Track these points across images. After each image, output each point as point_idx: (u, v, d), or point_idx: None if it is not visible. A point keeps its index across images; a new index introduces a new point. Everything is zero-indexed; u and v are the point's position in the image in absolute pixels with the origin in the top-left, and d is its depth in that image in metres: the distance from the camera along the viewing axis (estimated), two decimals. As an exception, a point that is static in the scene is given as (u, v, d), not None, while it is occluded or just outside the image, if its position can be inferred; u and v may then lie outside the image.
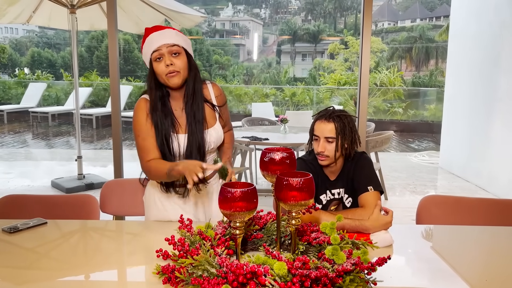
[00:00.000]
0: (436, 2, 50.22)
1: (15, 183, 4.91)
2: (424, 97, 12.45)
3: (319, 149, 1.74)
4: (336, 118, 1.74)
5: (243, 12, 56.94)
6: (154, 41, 1.56)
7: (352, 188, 1.82)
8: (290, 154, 1.34)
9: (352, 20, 49.88)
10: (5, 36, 43.61)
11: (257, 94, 12.18)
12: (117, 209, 2.20)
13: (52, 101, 11.96)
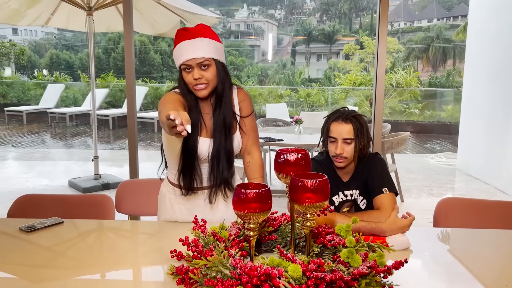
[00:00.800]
0: (453, 1, 49.48)
1: (33, 182, 5.00)
2: (441, 98, 12.26)
3: (337, 151, 1.71)
4: (353, 118, 1.73)
5: (258, 13, 56.99)
6: (184, 53, 1.54)
7: (366, 189, 1.80)
8: (305, 155, 1.33)
9: (368, 20, 49.51)
10: (25, 38, 44.53)
11: (271, 95, 12.16)
12: (132, 209, 2.22)
13: (69, 102, 12.15)
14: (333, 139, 1.74)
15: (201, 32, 1.56)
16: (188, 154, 1.62)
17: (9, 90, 12.92)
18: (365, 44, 20.03)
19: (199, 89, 1.56)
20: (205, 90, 1.56)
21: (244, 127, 1.71)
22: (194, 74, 1.53)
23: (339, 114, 1.75)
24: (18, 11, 4.83)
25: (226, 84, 1.62)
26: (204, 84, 1.55)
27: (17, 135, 9.18)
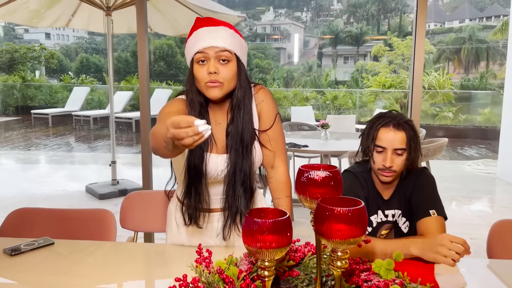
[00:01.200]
0: (486, 1, 47.94)
1: (51, 187, 4.89)
2: (476, 101, 11.67)
3: (387, 163, 1.43)
4: (406, 125, 1.44)
5: (284, 16, 56.74)
6: (201, 39, 1.24)
7: (409, 210, 1.51)
8: (335, 174, 1.06)
9: (397, 21, 48.49)
10: (57, 42, 45.82)
11: (297, 97, 11.86)
12: (139, 225, 2.00)
13: (95, 105, 12.21)
14: (381, 149, 1.45)
15: (225, 24, 1.30)
16: (193, 173, 1.32)
17: (37, 93, 13.11)
18: (395, 46, 19.45)
19: (211, 87, 1.24)
20: (218, 90, 1.25)
21: (266, 136, 1.39)
22: (209, 67, 1.22)
23: (390, 118, 1.46)
24: (37, 12, 4.74)
25: (247, 90, 1.31)
26: (219, 83, 1.24)
27: (42, 137, 9.23)
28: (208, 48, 1.23)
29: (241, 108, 1.31)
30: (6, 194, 4.56)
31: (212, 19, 1.30)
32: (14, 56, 17.58)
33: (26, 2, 4.53)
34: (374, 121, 1.50)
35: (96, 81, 16.09)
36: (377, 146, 1.45)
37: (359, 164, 1.58)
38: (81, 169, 6.27)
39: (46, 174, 5.76)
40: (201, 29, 1.27)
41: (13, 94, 13.00)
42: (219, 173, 1.34)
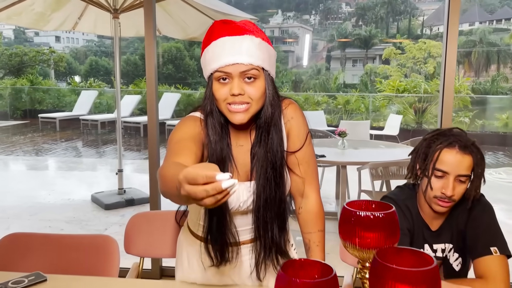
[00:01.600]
0: (496, 4, 47.40)
1: (55, 196, 4.72)
2: (491, 105, 11.35)
3: (448, 191, 1.21)
4: (473, 148, 1.23)
5: (292, 19, 56.57)
6: (222, 54, 1.02)
7: (463, 243, 1.28)
8: (391, 216, 0.85)
9: (406, 24, 48.11)
10: (67, 45, 46.12)
11: (307, 102, 11.62)
12: (145, 250, 1.80)
13: (103, 109, 12.08)
14: (442, 174, 1.23)
15: (250, 29, 1.06)
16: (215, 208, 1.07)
17: (45, 97, 13.03)
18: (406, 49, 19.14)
19: (236, 111, 1.03)
20: (244, 114, 1.04)
21: (294, 159, 1.17)
22: (232, 88, 1.02)
23: (454, 138, 1.23)
24: (43, 15, 4.58)
25: (276, 108, 1.10)
26: (245, 105, 1.03)
27: (49, 142, 9.10)
28: (232, 66, 1.02)
29: (271, 127, 1.10)
30: (9, 203, 4.39)
31: (234, 25, 1.07)
32: (24, 59, 17.57)
33: (32, 5, 4.37)
34: (432, 139, 1.28)
35: (105, 84, 16.01)
36: (438, 170, 1.23)
37: (402, 190, 1.36)
38: (87, 176, 6.10)
39: (52, 182, 5.60)
40: (222, 39, 1.04)
41: (21, 97, 12.93)
42: (241, 204, 1.13)
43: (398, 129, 8.25)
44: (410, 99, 10.66)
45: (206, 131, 1.10)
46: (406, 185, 1.37)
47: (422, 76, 18.88)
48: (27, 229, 3.66)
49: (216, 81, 1.05)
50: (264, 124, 1.10)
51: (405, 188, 1.36)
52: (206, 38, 1.08)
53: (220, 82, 1.04)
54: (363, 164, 3.39)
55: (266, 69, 1.07)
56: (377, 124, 9.90)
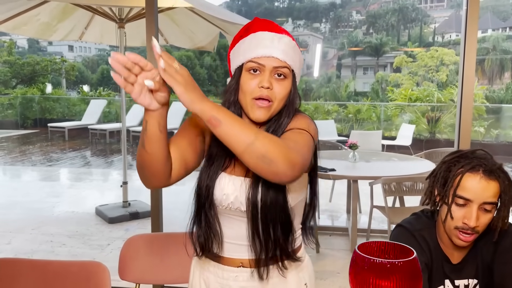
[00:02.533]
0: (509, 11, 46.99)
1: (60, 208, 4.64)
2: (507, 114, 11.07)
3: (471, 222, 1.07)
4: (500, 173, 1.09)
5: (303, 27, 56.67)
6: (261, 45, 1.03)
7: (489, 278, 1.14)
8: (413, 264, 0.71)
9: (417, 32, 47.87)
10: (79, 54, 46.78)
11: (317, 111, 11.47)
12: (142, 275, 1.68)
13: (112, 118, 12.08)
14: (464, 201, 1.08)
15: (288, 32, 1.10)
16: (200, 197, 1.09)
17: (56, 106, 13.08)
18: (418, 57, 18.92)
19: (259, 107, 1.01)
20: (265, 111, 1.02)
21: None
22: (263, 80, 1.00)
23: (477, 162, 1.10)
24: (48, 25, 4.55)
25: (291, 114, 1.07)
26: (269, 102, 1.02)
27: (58, 152, 9.08)
28: (267, 59, 1.02)
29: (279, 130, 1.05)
30: (13, 216, 4.32)
31: (274, 24, 1.09)
32: (36, 68, 17.76)
33: (37, 15, 4.33)
34: (452, 162, 1.14)
35: (114, 93, 16.06)
36: (459, 197, 1.09)
37: (418, 218, 1.22)
38: (93, 188, 6.02)
39: (58, 193, 5.53)
40: (262, 32, 1.05)
41: (32, 106, 13.00)
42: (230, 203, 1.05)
43: (411, 139, 8.06)
44: (423, 108, 10.44)
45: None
46: (424, 212, 1.23)
47: (434, 84, 18.63)
48: (28, 244, 3.58)
49: (246, 72, 1.04)
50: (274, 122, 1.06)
51: (422, 216, 1.22)
52: (243, 30, 1.10)
53: (250, 73, 1.03)
54: (375, 179, 3.24)
55: (295, 72, 1.07)
56: (389, 134, 9.70)
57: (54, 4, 4.24)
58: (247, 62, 1.03)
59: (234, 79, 1.06)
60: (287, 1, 65.75)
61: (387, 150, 7.39)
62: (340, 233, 3.84)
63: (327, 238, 3.73)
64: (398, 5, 52.76)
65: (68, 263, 1.52)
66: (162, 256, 1.71)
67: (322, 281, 2.91)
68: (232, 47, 1.11)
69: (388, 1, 57.43)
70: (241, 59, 1.05)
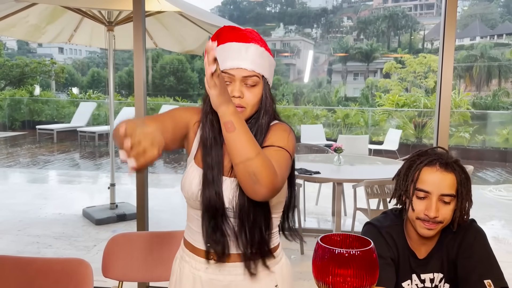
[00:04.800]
0: (497, 19, 47.75)
1: (47, 210, 4.63)
2: (491, 120, 11.26)
3: (431, 212, 1.14)
4: (456, 167, 1.16)
5: (294, 32, 57.00)
6: (229, 57, 1.09)
7: (454, 274, 1.20)
8: (369, 254, 0.77)
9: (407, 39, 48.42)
10: (69, 57, 46.49)
11: (307, 115, 11.57)
12: (124, 273, 1.71)
13: (101, 120, 12.04)
14: (424, 194, 1.15)
15: (255, 38, 1.14)
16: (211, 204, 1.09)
17: (44, 108, 13.00)
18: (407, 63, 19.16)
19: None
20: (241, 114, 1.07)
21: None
22: (233, 90, 1.07)
23: (435, 157, 1.18)
24: (37, 27, 4.55)
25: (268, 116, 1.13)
26: (241, 108, 1.09)
27: (46, 154, 9.03)
28: (236, 70, 1.08)
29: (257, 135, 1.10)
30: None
31: (241, 32, 1.13)
32: (25, 70, 17.62)
33: (26, 17, 4.33)
34: (413, 159, 1.21)
35: (104, 96, 16.01)
36: (419, 190, 1.16)
37: (386, 216, 1.28)
38: (81, 190, 6.02)
39: (45, 195, 5.51)
40: (229, 43, 1.10)
41: (20, 108, 12.91)
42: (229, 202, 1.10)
43: (397, 144, 8.18)
44: (410, 114, 10.60)
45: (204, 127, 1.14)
46: (392, 210, 1.30)
47: (422, 90, 18.87)
48: (14, 245, 3.58)
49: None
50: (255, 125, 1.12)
51: (390, 214, 1.29)
52: (214, 37, 1.13)
53: None
54: (358, 182, 3.31)
55: (265, 77, 1.12)
56: (377, 139, 9.82)
57: (43, 6, 4.25)
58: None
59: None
60: (279, 6, 66.14)
61: (374, 154, 7.49)
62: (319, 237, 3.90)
63: (312, 240, 3.78)
64: (389, 12, 53.39)
65: (51, 260, 1.56)
66: (146, 255, 1.74)
67: (305, 281, 2.96)
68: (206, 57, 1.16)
69: (378, 8, 58.10)
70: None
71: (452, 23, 2.39)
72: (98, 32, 4.84)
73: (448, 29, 2.39)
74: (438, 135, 2.52)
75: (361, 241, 0.80)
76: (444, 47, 2.41)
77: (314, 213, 4.65)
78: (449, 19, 2.39)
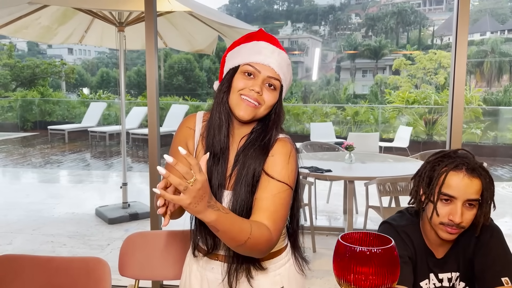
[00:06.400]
0: (507, 14, 47.13)
1: (60, 210, 4.69)
2: (503, 116, 11.12)
3: (456, 218, 1.12)
4: (482, 171, 1.14)
5: (302, 30, 56.82)
6: (260, 52, 1.10)
7: (471, 272, 1.19)
8: (390, 252, 0.77)
9: (416, 35, 48.02)
10: (79, 57, 46.85)
11: (316, 113, 11.54)
12: (141, 271, 1.73)
13: (111, 120, 12.14)
14: (449, 199, 1.14)
15: (282, 48, 1.17)
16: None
17: (55, 108, 13.14)
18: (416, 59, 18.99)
19: (247, 105, 1.07)
20: (252, 110, 1.08)
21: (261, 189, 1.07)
22: (255, 85, 1.07)
23: (460, 161, 1.15)
24: (49, 29, 4.60)
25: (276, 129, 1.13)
26: (257, 105, 1.08)
27: (58, 154, 9.13)
28: (264, 66, 1.08)
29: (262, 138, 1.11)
30: (13, 217, 4.37)
31: (276, 40, 1.17)
32: (35, 71, 17.81)
33: (38, 18, 4.39)
34: (436, 161, 1.19)
35: (114, 96, 16.12)
36: (444, 195, 1.14)
37: (402, 215, 1.28)
38: (93, 189, 6.07)
39: (58, 194, 5.58)
40: (265, 43, 1.13)
41: (32, 109, 13.06)
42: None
43: (408, 141, 8.12)
44: (420, 111, 10.51)
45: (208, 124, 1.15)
46: (408, 210, 1.29)
47: (432, 87, 18.72)
48: (29, 244, 3.63)
49: (240, 74, 1.09)
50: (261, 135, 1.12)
51: (406, 213, 1.28)
52: (246, 37, 1.16)
53: (244, 75, 1.09)
54: (370, 179, 3.30)
55: (283, 88, 1.13)
56: (387, 136, 9.76)
57: (55, 8, 4.30)
58: (244, 64, 1.09)
59: (226, 79, 1.11)
60: (286, 4, 65.95)
61: (384, 152, 7.45)
62: (336, 233, 3.89)
63: (324, 238, 3.79)
64: (397, 8, 52.94)
65: (70, 259, 1.58)
66: (161, 253, 1.76)
67: (318, 279, 2.96)
68: (231, 49, 1.16)
69: (387, 4, 57.63)
70: (239, 61, 1.10)
71: (465, 19, 2.38)
72: (108, 32, 4.89)
73: (461, 25, 2.38)
74: (451, 132, 2.50)
75: (381, 239, 0.81)
76: (457, 44, 2.39)
77: (325, 211, 4.65)
78: (462, 15, 2.37)
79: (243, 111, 1.07)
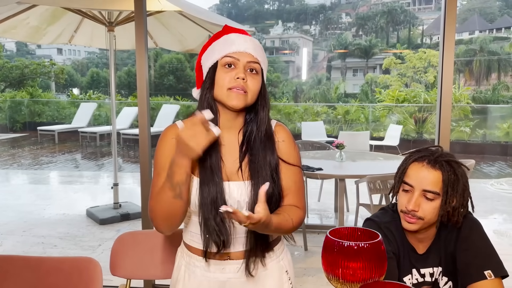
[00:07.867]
0: (496, 13, 47.68)
1: (51, 211, 4.66)
2: (492, 114, 11.27)
3: (409, 205, 1.16)
4: (446, 165, 1.16)
5: (293, 29, 56.93)
6: (234, 43, 1.13)
7: (453, 266, 1.22)
8: (377, 246, 0.79)
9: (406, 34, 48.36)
10: (68, 57, 46.45)
11: (307, 112, 11.58)
12: (132, 271, 1.73)
13: (102, 121, 12.06)
14: (408, 187, 1.18)
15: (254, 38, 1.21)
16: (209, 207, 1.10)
17: (45, 109, 13.02)
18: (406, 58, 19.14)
19: (236, 93, 1.09)
20: (242, 97, 1.09)
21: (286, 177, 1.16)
22: (239, 72, 1.10)
23: (426, 153, 1.19)
24: (38, 29, 4.57)
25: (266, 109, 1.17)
26: (244, 92, 1.10)
27: (48, 155, 9.06)
28: (241, 54, 1.11)
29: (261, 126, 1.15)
30: (3, 219, 4.33)
31: (243, 30, 1.21)
32: (24, 71, 17.62)
33: (26, 18, 4.35)
34: (409, 156, 1.24)
35: (105, 96, 16.02)
36: (404, 183, 1.20)
37: (385, 212, 1.30)
38: (84, 190, 6.04)
39: (48, 196, 5.54)
40: (233, 34, 1.16)
41: (21, 110, 12.93)
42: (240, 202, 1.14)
43: (398, 140, 8.19)
44: (410, 109, 10.61)
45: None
46: (390, 206, 1.32)
47: (422, 85, 18.88)
48: (20, 246, 3.61)
49: (221, 68, 1.11)
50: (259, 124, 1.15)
51: (389, 210, 1.30)
52: (215, 36, 1.19)
53: (225, 68, 1.11)
54: (361, 178, 3.33)
55: (263, 70, 1.16)
56: (377, 135, 9.83)
57: (44, 7, 4.27)
58: (223, 57, 1.11)
59: (208, 77, 1.14)
60: (277, 4, 66.04)
61: (375, 150, 7.50)
62: (328, 231, 3.92)
63: (316, 236, 3.81)
64: (387, 7, 53.29)
65: (61, 259, 1.58)
66: (152, 253, 1.76)
67: (310, 277, 2.98)
68: (203, 53, 1.20)
69: (377, 4, 57.99)
70: (216, 57, 1.13)
71: (452, 18, 2.41)
72: (98, 32, 4.86)
73: (448, 25, 2.41)
74: (439, 130, 2.54)
75: (369, 234, 0.82)
76: (445, 42, 2.42)
77: (316, 209, 4.68)
78: (449, 14, 2.40)
79: (235, 100, 1.09)
